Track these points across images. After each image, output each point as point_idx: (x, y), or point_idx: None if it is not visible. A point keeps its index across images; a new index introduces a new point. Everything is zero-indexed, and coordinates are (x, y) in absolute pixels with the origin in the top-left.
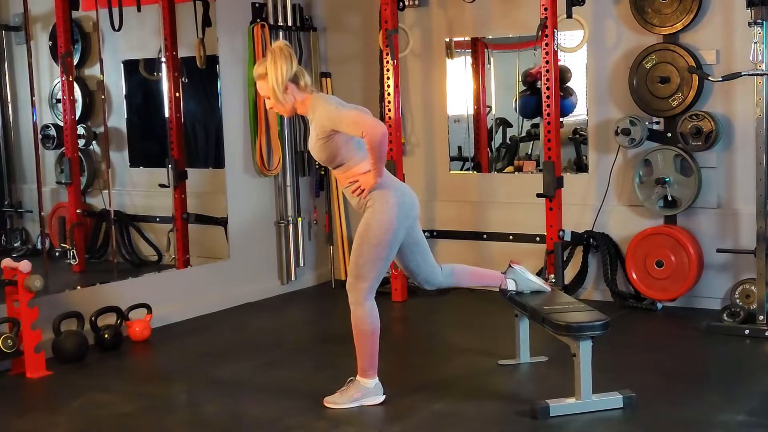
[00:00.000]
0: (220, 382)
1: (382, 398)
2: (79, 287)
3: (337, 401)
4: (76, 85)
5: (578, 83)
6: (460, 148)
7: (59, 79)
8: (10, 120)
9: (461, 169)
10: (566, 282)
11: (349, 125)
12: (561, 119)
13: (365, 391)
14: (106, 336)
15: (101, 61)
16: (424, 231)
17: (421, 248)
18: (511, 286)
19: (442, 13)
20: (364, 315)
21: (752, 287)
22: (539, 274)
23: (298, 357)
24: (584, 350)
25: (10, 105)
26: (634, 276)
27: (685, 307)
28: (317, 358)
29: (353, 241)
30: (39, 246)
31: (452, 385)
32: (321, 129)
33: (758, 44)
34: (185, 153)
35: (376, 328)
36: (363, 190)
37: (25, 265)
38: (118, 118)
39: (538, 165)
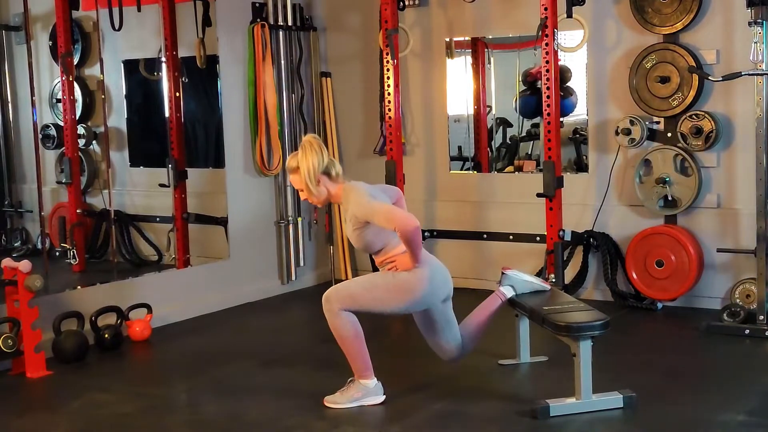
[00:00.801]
0: (220, 382)
1: (382, 398)
2: (79, 287)
3: (337, 401)
4: (76, 85)
5: (578, 83)
6: (460, 147)
7: (59, 79)
8: (10, 120)
9: (461, 169)
10: (566, 282)
11: (381, 220)
12: (561, 119)
13: (365, 391)
14: (106, 336)
15: (101, 60)
16: (424, 231)
17: (451, 327)
18: (509, 293)
19: (442, 12)
20: (343, 322)
21: (752, 287)
22: (539, 274)
23: (298, 357)
24: (584, 350)
25: (10, 105)
26: (635, 276)
27: (685, 306)
28: (317, 358)
29: (373, 273)
30: (39, 246)
31: (452, 385)
32: (355, 220)
33: (758, 44)
34: (185, 153)
35: (358, 331)
36: (397, 269)
37: (25, 265)
38: (118, 117)
39: (538, 165)
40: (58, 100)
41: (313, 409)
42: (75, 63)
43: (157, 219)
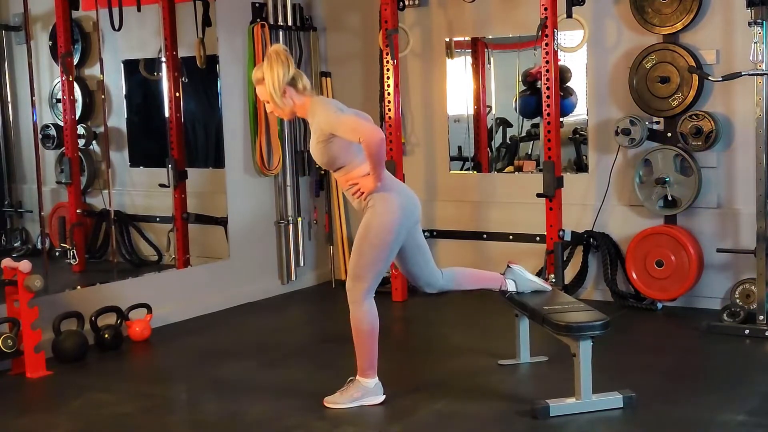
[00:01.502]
0: (220, 381)
1: (382, 398)
2: (79, 287)
3: (337, 401)
4: (76, 85)
5: (578, 83)
6: (460, 147)
7: (59, 79)
8: (10, 120)
9: (461, 169)
10: (566, 282)
11: (347, 131)
12: (561, 119)
13: (365, 390)
14: (106, 336)
15: (101, 60)
16: (424, 231)
17: (423, 251)
18: (510, 286)
19: (442, 13)
20: (363, 315)
21: (752, 287)
22: (539, 273)
23: (298, 357)
24: (584, 350)
25: (10, 105)
26: (634, 276)
27: (685, 306)
28: (317, 358)
29: (354, 241)
30: (39, 246)
31: (452, 385)
32: (320, 133)
33: (758, 44)
34: (185, 153)
35: (375, 328)
36: (363, 193)
37: (25, 265)
38: (118, 117)
39: (538, 165)
40: (58, 100)
41: (313, 409)
42: (75, 63)
43: (157, 219)
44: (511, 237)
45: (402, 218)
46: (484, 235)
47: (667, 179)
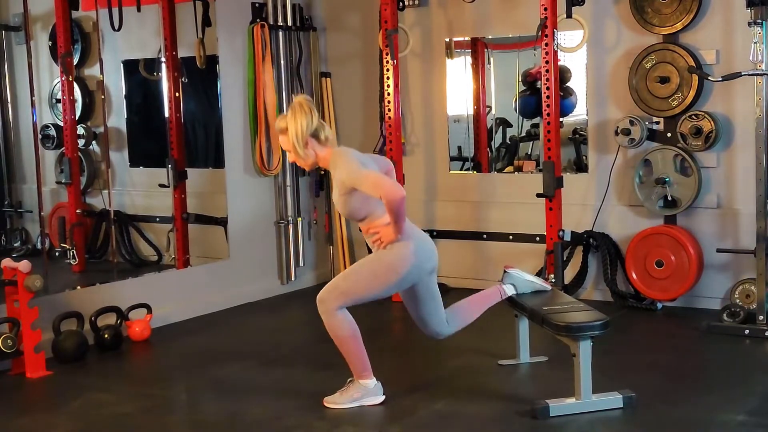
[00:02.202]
0: (220, 382)
1: (381, 398)
2: (79, 287)
3: (337, 401)
4: (76, 85)
5: (578, 83)
6: (459, 148)
7: (59, 79)
8: (10, 120)
9: (461, 169)
10: (566, 282)
11: (369, 187)
12: (561, 119)
13: (365, 391)
14: (106, 336)
15: (101, 61)
16: (424, 231)
17: (435, 300)
18: (510, 291)
19: (442, 13)
20: (339, 322)
21: (752, 287)
22: (539, 274)
23: (298, 357)
24: (584, 350)
25: (10, 105)
26: (634, 276)
27: (685, 307)
28: (317, 358)
29: (358, 260)
30: (39, 246)
31: (452, 385)
32: (342, 186)
33: (758, 44)
34: (185, 153)
35: (355, 331)
36: (383, 242)
37: (25, 265)
38: (118, 118)
39: (538, 165)
40: (58, 101)
41: (313, 409)
42: (75, 63)
43: (157, 219)
44: (511, 237)
45: (414, 267)
46: (484, 236)
47: (667, 179)
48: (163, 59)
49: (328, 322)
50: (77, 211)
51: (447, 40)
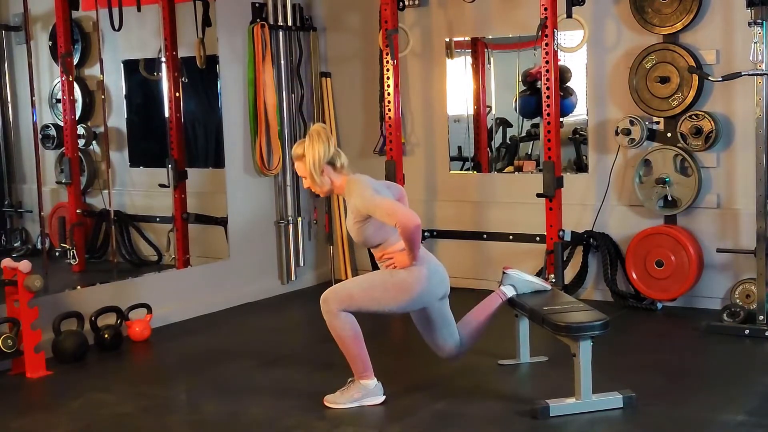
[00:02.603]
0: (220, 381)
1: (382, 398)
2: (79, 287)
3: (337, 401)
4: (76, 85)
5: (578, 83)
6: (460, 147)
7: (59, 79)
8: (10, 120)
9: (461, 169)
10: (566, 282)
11: (383, 215)
12: (561, 119)
13: (365, 391)
14: (106, 336)
15: (101, 61)
16: (424, 231)
17: (448, 323)
18: (510, 292)
19: (442, 13)
20: (342, 323)
21: (752, 287)
22: (539, 274)
23: (298, 357)
24: (584, 350)
25: (10, 105)
26: (634, 276)
27: (685, 306)
28: (317, 358)
29: (372, 272)
30: (39, 246)
31: (452, 385)
32: (357, 213)
33: (758, 44)
34: (185, 153)
35: (357, 332)
36: (397, 267)
37: (25, 265)
38: (118, 118)
39: (538, 165)
40: (58, 101)
41: (313, 409)
42: (75, 63)
43: (157, 219)
44: (511, 237)
45: (425, 291)
46: (484, 235)
47: (667, 179)
48: (163, 59)
49: (330, 322)
50: (77, 211)
51: (447, 40)
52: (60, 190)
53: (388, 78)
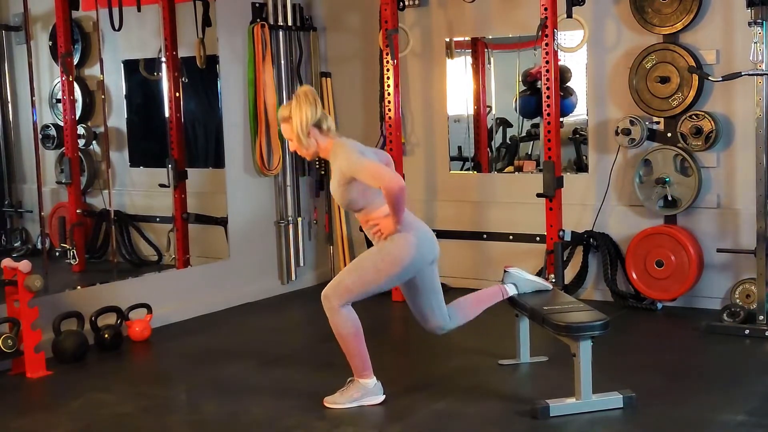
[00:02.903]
0: (220, 381)
1: (382, 398)
2: (79, 287)
3: (337, 401)
4: (76, 85)
5: (578, 83)
6: (460, 147)
7: (59, 79)
8: (10, 120)
9: (461, 169)
10: (566, 282)
11: (368, 177)
12: (561, 119)
13: (365, 390)
14: (106, 336)
15: (101, 61)
16: None
17: (436, 293)
18: (511, 290)
19: (442, 13)
20: (343, 320)
21: (752, 287)
22: (539, 274)
23: (298, 357)
24: (584, 350)
25: (10, 105)
26: (634, 276)
27: (685, 306)
28: (317, 358)
29: (359, 255)
30: (39, 246)
31: (452, 385)
32: (341, 175)
33: (758, 44)
34: (185, 153)
35: (358, 329)
36: (383, 234)
37: (25, 265)
38: (118, 118)
39: (538, 165)
40: (58, 101)
41: (313, 409)
42: (75, 63)
43: (157, 219)
44: (511, 237)
45: (416, 258)
46: (484, 235)
47: (667, 179)
48: (163, 59)
49: (333, 319)
50: (77, 211)
51: (447, 40)
52: (60, 190)
53: (388, 78)
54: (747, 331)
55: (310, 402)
